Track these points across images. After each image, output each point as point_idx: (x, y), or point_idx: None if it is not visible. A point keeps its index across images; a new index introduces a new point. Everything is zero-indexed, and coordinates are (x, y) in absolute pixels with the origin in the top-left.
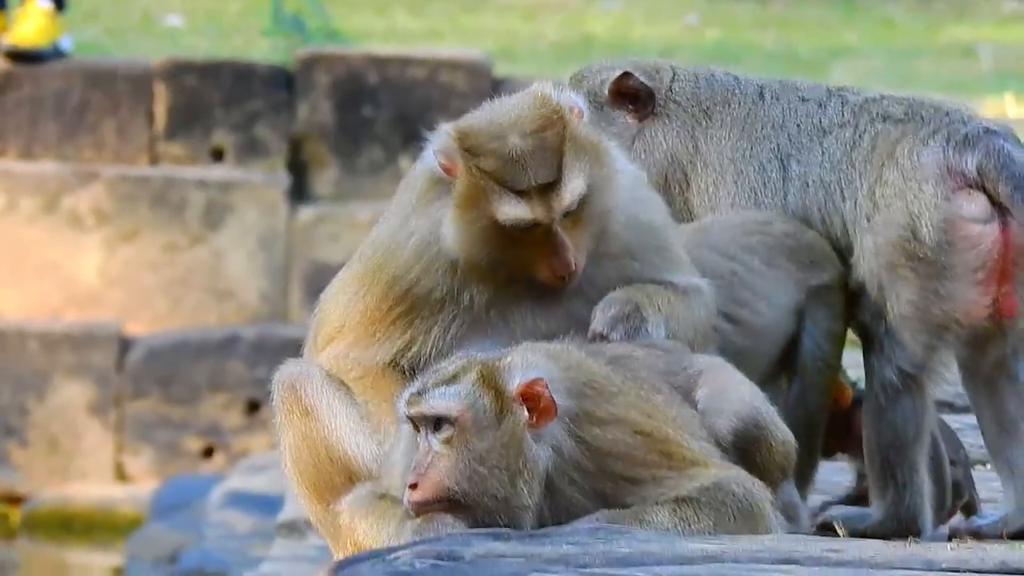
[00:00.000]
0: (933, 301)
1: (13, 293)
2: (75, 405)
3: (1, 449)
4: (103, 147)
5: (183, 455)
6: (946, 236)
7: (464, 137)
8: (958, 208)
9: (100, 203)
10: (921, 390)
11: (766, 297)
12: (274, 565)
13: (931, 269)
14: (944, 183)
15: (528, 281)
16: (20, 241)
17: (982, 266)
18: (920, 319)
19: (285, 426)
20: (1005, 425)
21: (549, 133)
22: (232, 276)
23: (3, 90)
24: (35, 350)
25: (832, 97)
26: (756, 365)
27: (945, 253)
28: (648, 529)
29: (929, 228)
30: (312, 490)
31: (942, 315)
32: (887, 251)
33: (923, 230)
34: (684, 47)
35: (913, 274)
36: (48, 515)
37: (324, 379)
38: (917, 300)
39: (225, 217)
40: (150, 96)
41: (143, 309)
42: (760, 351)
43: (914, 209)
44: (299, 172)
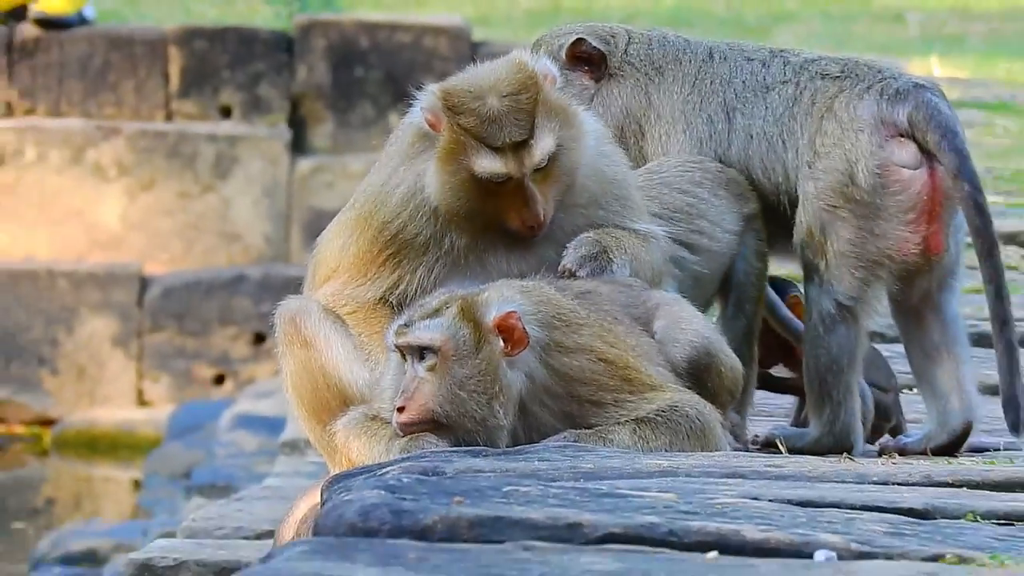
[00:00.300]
0: (868, 239)
1: (43, 237)
2: (100, 337)
3: (34, 377)
4: (123, 105)
5: (196, 382)
6: (880, 180)
7: (448, 96)
8: (891, 155)
9: (121, 156)
10: (856, 320)
11: (719, 224)
12: (277, 480)
13: (867, 210)
14: (878, 132)
15: (503, 228)
16: (49, 190)
17: (912, 207)
18: (856, 256)
19: (286, 355)
20: (929, 352)
21: (523, 96)
22: (239, 221)
23: (33, 54)
24: (64, 288)
25: (775, 57)
26: (711, 287)
27: (879, 196)
28: (610, 447)
29: (865, 173)
30: (311, 413)
31: (876, 252)
32: (827, 195)
33: (859, 175)
34: (643, 13)
35: (851, 215)
36: (76, 436)
37: (321, 313)
38: (854, 239)
39: (232, 168)
40: (165, 59)
41: (160, 251)
42: (716, 274)
43: (851, 156)
44: (298, 127)
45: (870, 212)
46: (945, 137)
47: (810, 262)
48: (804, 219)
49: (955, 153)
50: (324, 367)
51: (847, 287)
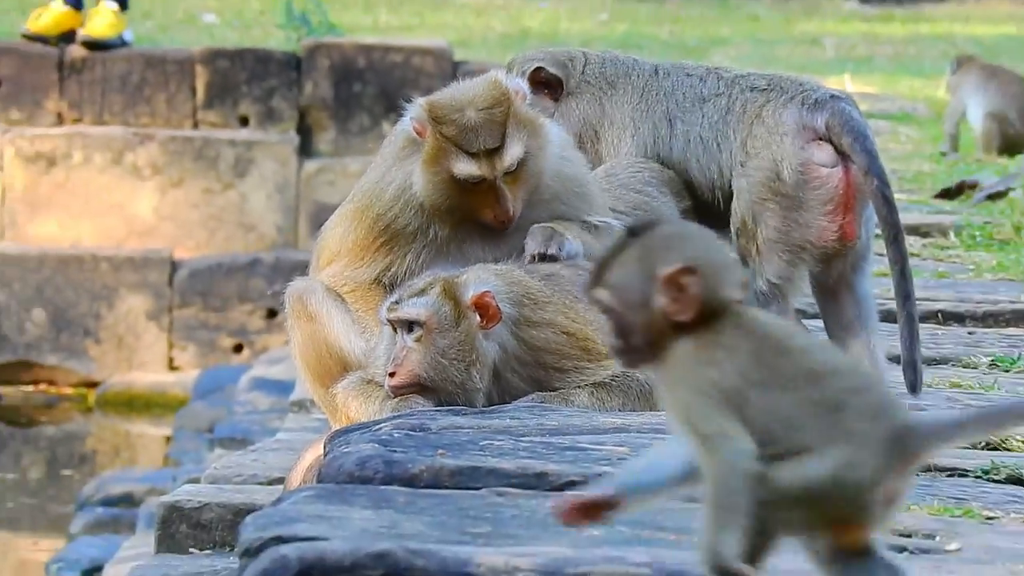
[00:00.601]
0: (793, 228)
1: (89, 226)
2: (136, 312)
3: (80, 346)
4: (156, 115)
5: (218, 350)
6: (803, 177)
7: (432, 109)
8: (811, 155)
9: (154, 158)
10: (784, 297)
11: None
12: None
13: (791, 203)
14: (800, 136)
15: (479, 221)
16: (93, 187)
17: (830, 200)
18: (783, 242)
19: (294, 328)
20: (844, 324)
21: (497, 110)
22: (254, 213)
23: (80, 71)
24: (105, 270)
25: (710, 74)
26: None
27: (802, 190)
28: (572, 407)
29: (789, 171)
30: (315, 377)
31: (800, 238)
32: (757, 189)
33: (785, 173)
34: (598, 38)
35: (778, 207)
36: (115, 396)
37: (324, 292)
38: (781, 227)
39: (249, 168)
40: (192, 76)
41: (187, 239)
42: None
43: (777, 156)
44: (305, 134)
45: (794, 204)
46: (857, 140)
47: (744, 248)
48: (739, 211)
49: (866, 154)
50: (327, 338)
51: (776, 269)
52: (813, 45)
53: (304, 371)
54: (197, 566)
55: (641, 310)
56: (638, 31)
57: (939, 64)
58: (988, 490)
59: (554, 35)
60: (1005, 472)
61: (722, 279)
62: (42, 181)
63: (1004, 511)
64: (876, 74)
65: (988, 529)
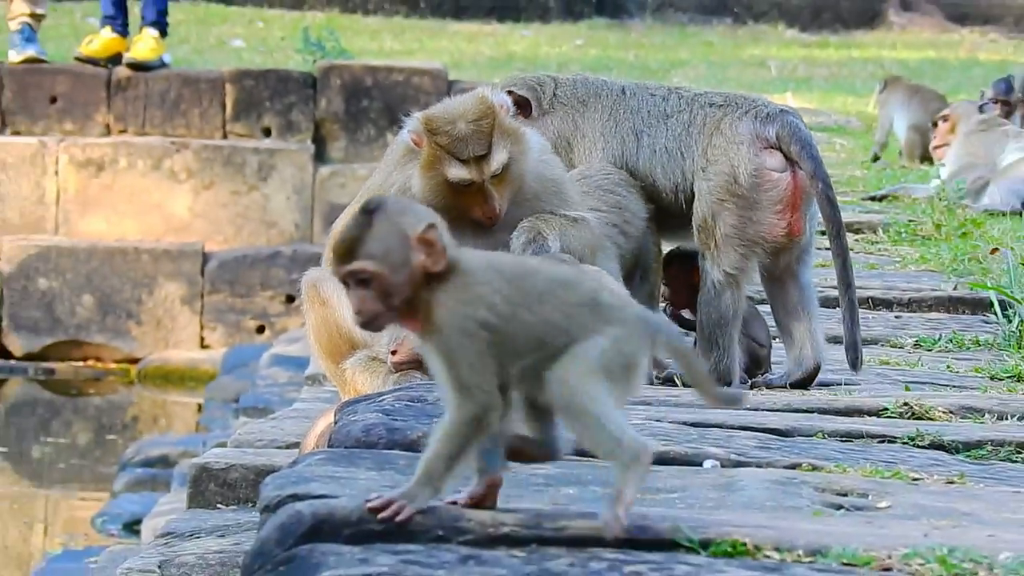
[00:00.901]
0: (748, 225)
1: (132, 223)
2: (172, 298)
3: (123, 327)
4: (191, 127)
5: (243, 331)
6: (756, 180)
7: (428, 122)
8: (764, 161)
9: (189, 164)
10: (738, 286)
11: (637, 215)
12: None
13: (746, 203)
14: (754, 144)
15: (469, 218)
16: (136, 189)
17: (780, 200)
18: (739, 237)
19: (309, 312)
20: (789, 310)
21: (484, 122)
22: (275, 212)
23: (126, 89)
24: (146, 261)
25: (671, 93)
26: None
27: (756, 192)
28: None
29: (745, 175)
30: (327, 355)
31: (754, 234)
32: (716, 191)
33: (741, 176)
34: (573, 60)
35: (734, 206)
36: (154, 371)
37: (335, 280)
38: (737, 224)
39: (271, 173)
40: (222, 93)
41: (217, 234)
42: (633, 253)
43: (734, 162)
44: (320, 143)
45: (749, 204)
46: (804, 148)
47: (704, 242)
48: (700, 210)
49: (811, 160)
50: (337, 321)
51: (732, 261)
52: (760, 67)
53: (317, 349)
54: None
55: (402, 269)
56: (608, 55)
57: (869, 84)
58: (914, 454)
59: (535, 58)
60: (929, 439)
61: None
62: (92, 184)
63: (928, 473)
64: (814, 92)
65: (914, 489)
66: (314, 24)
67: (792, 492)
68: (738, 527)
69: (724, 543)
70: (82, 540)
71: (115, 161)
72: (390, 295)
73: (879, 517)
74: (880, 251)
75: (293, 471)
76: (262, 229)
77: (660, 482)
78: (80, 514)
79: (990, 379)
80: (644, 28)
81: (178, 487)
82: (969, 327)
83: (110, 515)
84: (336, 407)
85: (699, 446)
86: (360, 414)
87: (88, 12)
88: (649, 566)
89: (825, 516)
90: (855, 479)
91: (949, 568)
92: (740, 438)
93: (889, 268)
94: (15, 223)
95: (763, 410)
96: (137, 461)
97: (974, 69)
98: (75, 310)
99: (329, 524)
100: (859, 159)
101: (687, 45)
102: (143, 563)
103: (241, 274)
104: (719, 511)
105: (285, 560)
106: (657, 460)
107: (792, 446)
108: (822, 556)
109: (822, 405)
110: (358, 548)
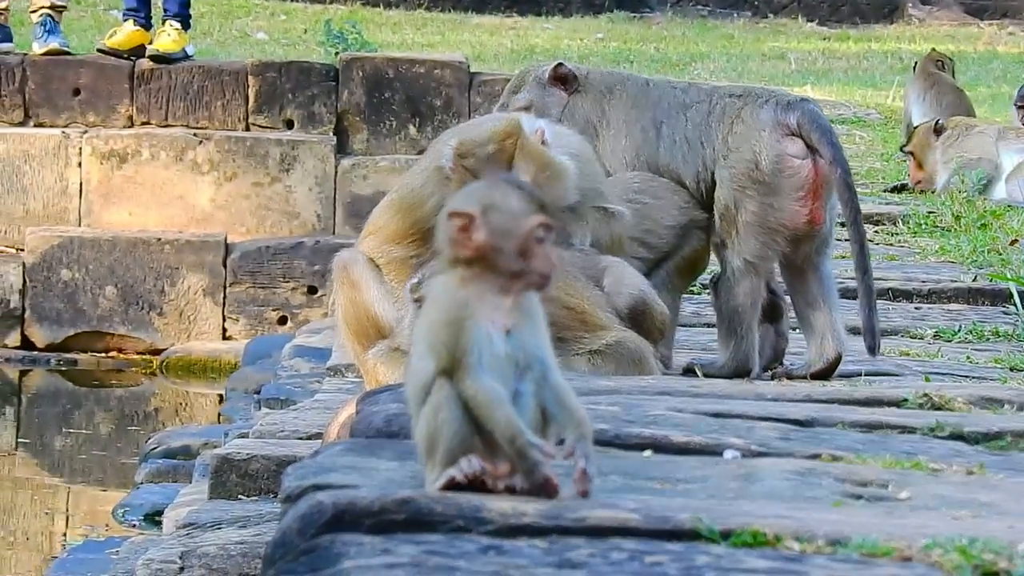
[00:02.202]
0: (769, 212)
1: (154, 214)
2: (195, 289)
3: (146, 318)
4: (213, 118)
5: (265, 322)
6: (777, 167)
7: (459, 147)
8: (785, 148)
9: (211, 155)
10: (758, 275)
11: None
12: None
13: (767, 190)
14: (776, 131)
15: None
16: (159, 180)
17: (801, 187)
18: (760, 225)
19: (338, 292)
20: (809, 300)
21: (508, 142)
22: (297, 203)
23: (149, 81)
24: (169, 252)
25: (692, 86)
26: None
27: (777, 178)
28: (570, 372)
29: (766, 162)
30: (354, 336)
31: (775, 222)
32: (738, 178)
33: (762, 163)
34: (594, 53)
35: (756, 194)
36: (176, 362)
37: (366, 263)
38: (758, 211)
39: (293, 164)
40: (245, 85)
41: (239, 225)
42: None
43: (756, 149)
44: (342, 135)
45: (770, 191)
46: (824, 136)
47: (726, 231)
48: (721, 198)
49: (831, 147)
50: (365, 303)
51: (752, 249)
52: (780, 60)
53: (345, 331)
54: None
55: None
56: (628, 48)
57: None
58: (934, 445)
59: (556, 51)
60: (948, 430)
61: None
62: (115, 175)
63: (948, 464)
64: (834, 84)
65: (934, 480)
66: (336, 17)
67: (812, 483)
68: (759, 517)
69: (745, 533)
70: (103, 531)
71: (138, 152)
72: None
73: (899, 508)
74: (900, 242)
75: (314, 461)
76: (284, 220)
77: (681, 472)
78: (101, 505)
79: (1010, 370)
80: (664, 21)
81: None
82: (989, 318)
83: (131, 506)
84: (358, 398)
85: (720, 436)
86: (382, 404)
87: (111, 4)
88: (670, 556)
89: (845, 506)
90: (875, 470)
91: (969, 558)
92: (761, 429)
93: (909, 259)
94: (38, 214)
95: (783, 400)
96: (159, 452)
97: (993, 62)
98: (98, 301)
99: (350, 514)
100: (878, 151)
101: (707, 38)
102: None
103: (263, 265)
104: (739, 501)
105: (306, 550)
106: (678, 450)
107: (812, 437)
108: (842, 546)
109: (843, 396)
110: (379, 538)
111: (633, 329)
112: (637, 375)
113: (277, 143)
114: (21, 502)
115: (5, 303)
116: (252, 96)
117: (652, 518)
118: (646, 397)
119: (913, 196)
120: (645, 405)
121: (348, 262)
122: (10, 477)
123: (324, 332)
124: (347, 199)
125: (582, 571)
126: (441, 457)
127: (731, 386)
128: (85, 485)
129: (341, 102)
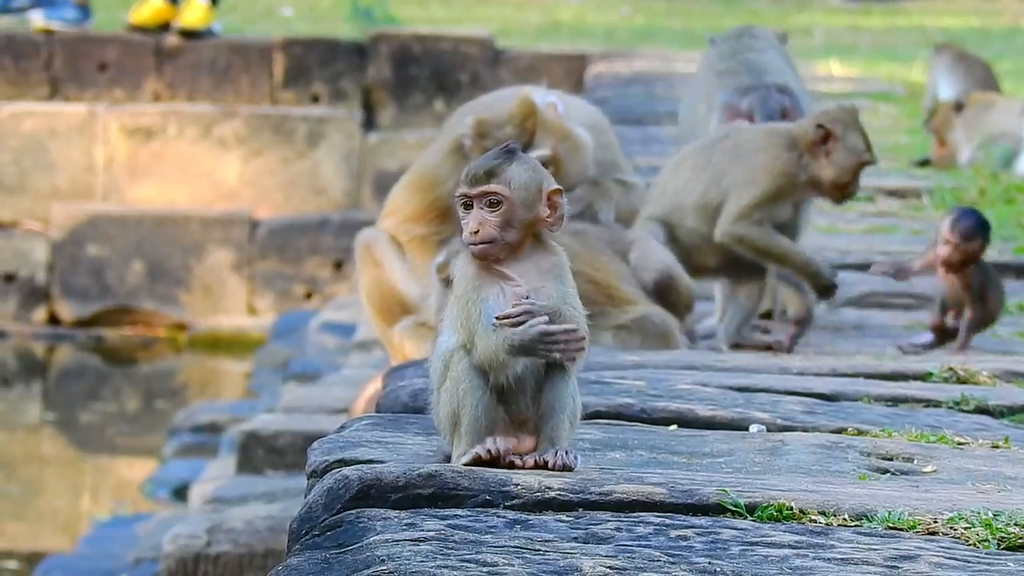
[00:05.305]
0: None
1: (182, 190)
2: (221, 265)
3: (173, 294)
4: (240, 94)
5: (292, 298)
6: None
7: (478, 125)
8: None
9: (238, 131)
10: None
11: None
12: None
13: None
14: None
15: None
16: (186, 156)
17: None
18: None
19: (362, 271)
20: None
21: (528, 122)
22: (324, 179)
23: (175, 57)
24: (195, 228)
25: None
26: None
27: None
28: (597, 346)
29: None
30: (378, 314)
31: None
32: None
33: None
34: (620, 29)
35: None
36: (203, 337)
37: (388, 241)
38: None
39: (320, 140)
40: (271, 61)
41: (266, 201)
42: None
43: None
44: (369, 111)
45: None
46: (769, 119)
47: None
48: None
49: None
50: (388, 280)
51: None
52: (805, 35)
53: (369, 309)
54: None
55: (528, 211)
56: (654, 23)
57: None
58: (959, 419)
59: (582, 26)
60: (974, 403)
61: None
62: (141, 151)
63: (973, 437)
64: (859, 60)
65: (959, 453)
66: None
67: (838, 456)
68: (784, 491)
69: (770, 507)
70: (131, 506)
71: (164, 129)
72: (508, 228)
73: (924, 481)
74: (925, 217)
75: (340, 436)
76: (311, 196)
77: (707, 446)
78: (129, 480)
79: None
80: None
81: (226, 453)
82: (1015, 292)
83: (159, 481)
84: (384, 372)
85: (745, 411)
86: (408, 379)
87: None
88: (695, 530)
89: (871, 480)
90: (901, 443)
91: (994, 531)
92: (786, 402)
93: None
94: (65, 190)
95: (809, 375)
96: (186, 427)
97: (1017, 38)
98: (124, 277)
99: (376, 489)
100: (903, 126)
101: (733, 13)
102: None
103: (290, 241)
104: (765, 475)
105: (332, 525)
106: (704, 424)
107: (838, 410)
108: (868, 520)
109: (867, 370)
110: (405, 513)
111: (659, 304)
112: (662, 349)
113: (304, 119)
114: (49, 478)
115: (32, 279)
116: (279, 72)
117: (678, 492)
118: (672, 371)
119: (937, 171)
120: (671, 379)
121: (371, 241)
122: (38, 453)
123: (350, 307)
124: (374, 175)
125: (608, 545)
126: (466, 430)
127: (756, 360)
128: (112, 460)
129: (367, 78)
